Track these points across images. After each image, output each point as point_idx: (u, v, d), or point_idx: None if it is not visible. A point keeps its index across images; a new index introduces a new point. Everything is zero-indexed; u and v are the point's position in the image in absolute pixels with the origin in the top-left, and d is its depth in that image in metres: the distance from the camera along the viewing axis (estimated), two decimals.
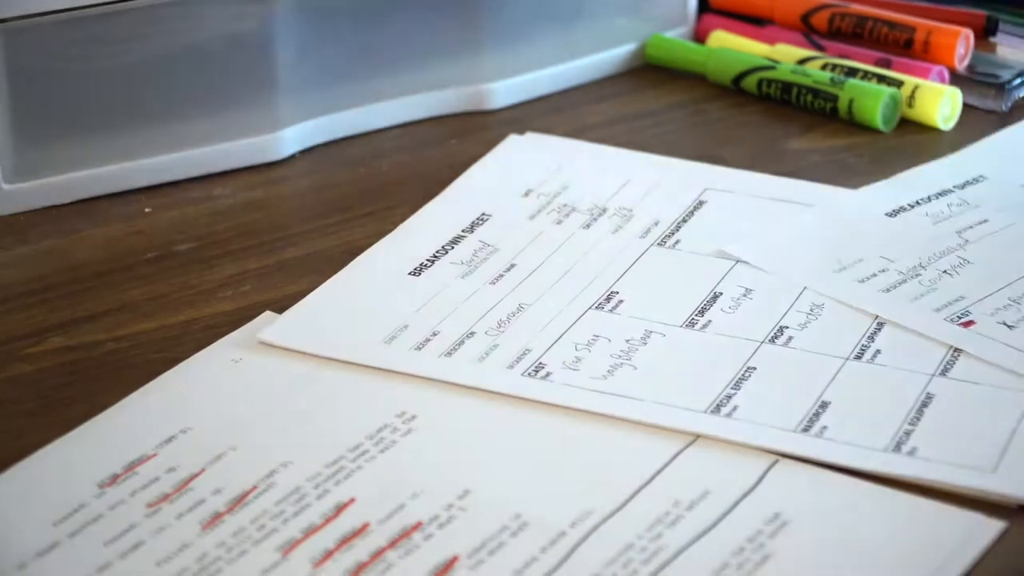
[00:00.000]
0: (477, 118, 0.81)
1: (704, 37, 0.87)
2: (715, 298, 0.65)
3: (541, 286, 0.66)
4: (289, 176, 0.76)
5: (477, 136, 0.79)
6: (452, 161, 0.76)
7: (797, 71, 0.81)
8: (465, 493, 0.54)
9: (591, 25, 0.84)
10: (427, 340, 0.63)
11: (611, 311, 0.65)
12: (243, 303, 0.66)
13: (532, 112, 0.82)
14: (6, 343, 0.64)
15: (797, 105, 0.81)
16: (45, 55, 0.71)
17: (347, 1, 0.77)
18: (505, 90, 0.82)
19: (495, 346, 0.62)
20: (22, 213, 0.73)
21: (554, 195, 0.73)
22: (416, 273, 0.67)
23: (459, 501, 0.54)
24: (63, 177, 0.73)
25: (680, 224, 0.71)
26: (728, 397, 0.59)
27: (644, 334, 0.63)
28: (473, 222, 0.71)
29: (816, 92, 0.80)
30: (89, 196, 0.74)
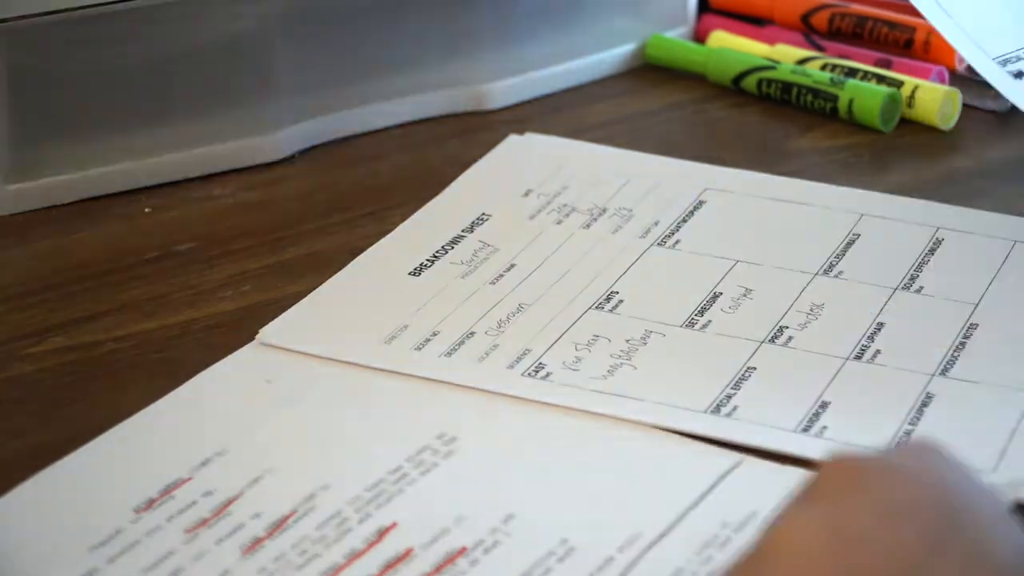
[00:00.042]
0: (477, 118, 0.81)
1: (704, 37, 0.87)
2: (715, 298, 0.65)
3: (541, 286, 0.66)
4: (289, 176, 0.76)
5: (477, 136, 0.79)
6: (452, 161, 0.76)
7: (797, 71, 0.81)
8: (509, 517, 0.53)
9: (591, 25, 0.84)
10: (427, 340, 0.63)
11: (611, 311, 0.65)
12: (243, 303, 0.66)
13: (532, 112, 0.82)
14: (6, 343, 0.64)
15: (797, 105, 0.81)
16: (45, 55, 0.71)
17: (347, 1, 0.77)
18: (505, 90, 0.82)
19: (495, 346, 0.62)
20: (22, 213, 0.73)
21: (554, 195, 0.73)
22: (416, 273, 0.67)
23: (504, 526, 0.53)
24: (63, 177, 0.73)
25: (680, 224, 0.71)
26: (728, 397, 0.59)
27: (644, 334, 0.63)
28: (473, 222, 0.71)
29: (816, 92, 0.80)
30: (89, 196, 0.74)
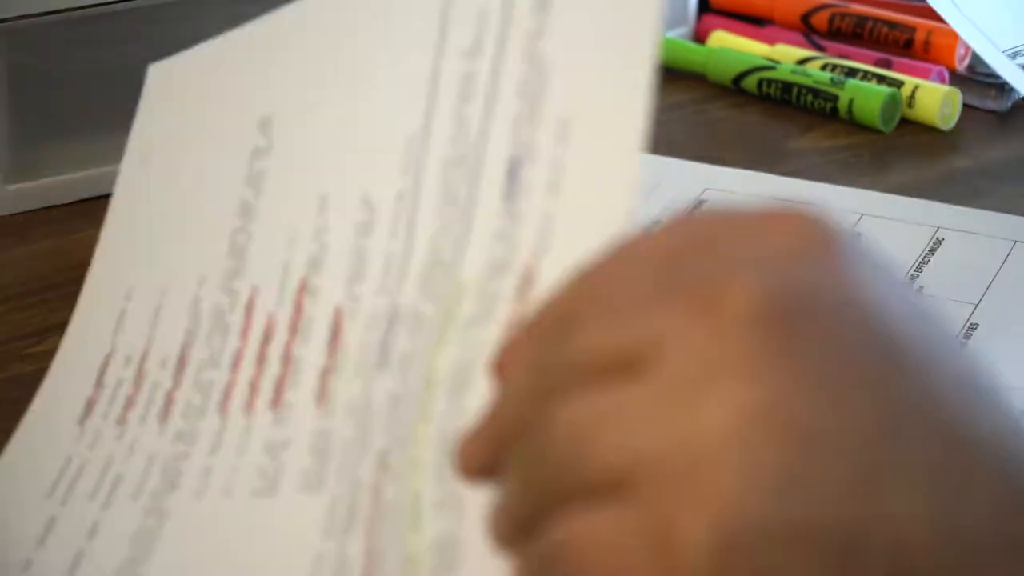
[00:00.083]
0: None
1: (704, 37, 0.87)
2: None
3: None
4: None
5: None
6: None
7: (797, 71, 0.81)
8: (323, 205, 0.46)
9: None
10: None
11: None
12: None
13: None
14: (6, 343, 0.64)
15: (797, 105, 0.81)
16: (45, 55, 0.71)
17: None
18: None
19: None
20: (22, 213, 0.73)
21: None
22: None
23: (321, 221, 0.46)
24: (63, 177, 0.73)
25: None
26: None
27: None
28: None
29: (816, 92, 0.80)
30: (89, 196, 0.74)
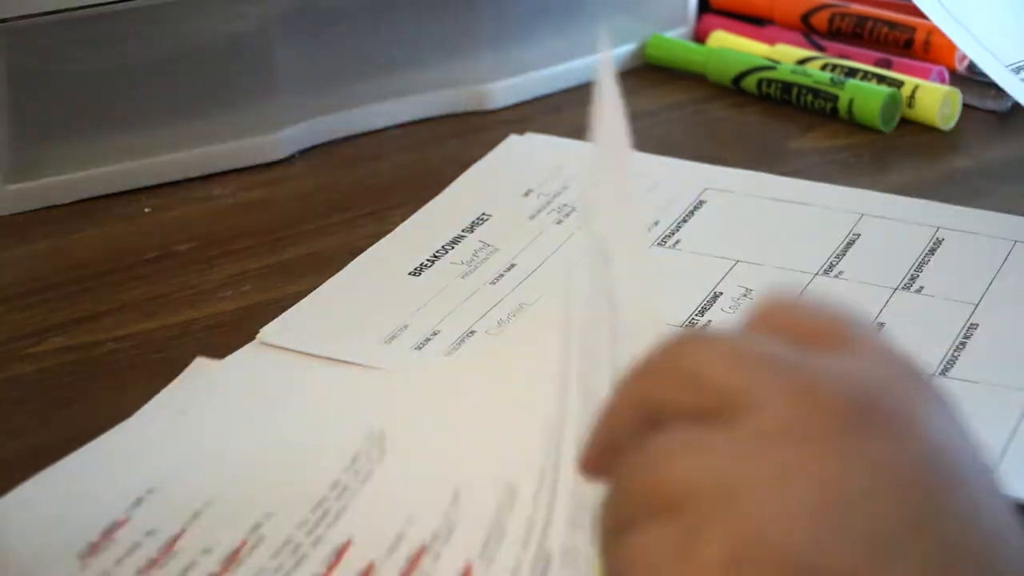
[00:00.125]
0: (477, 118, 0.81)
1: (704, 37, 0.87)
2: (715, 298, 0.65)
3: (541, 286, 0.66)
4: (289, 176, 0.76)
5: (477, 136, 0.79)
6: (452, 161, 0.76)
7: (797, 71, 0.81)
8: (455, 498, 0.53)
9: (591, 25, 0.84)
10: (427, 340, 0.63)
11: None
12: (243, 303, 0.66)
13: (532, 112, 0.82)
14: (6, 343, 0.64)
15: (797, 105, 0.81)
16: (45, 55, 0.71)
17: (347, 1, 0.77)
18: (505, 90, 0.82)
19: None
20: (22, 213, 0.73)
21: (554, 195, 0.73)
22: (416, 273, 0.67)
23: (453, 509, 0.53)
24: (63, 177, 0.73)
25: (680, 224, 0.71)
26: None
27: None
28: (473, 222, 0.71)
29: (816, 92, 0.80)
30: (89, 196, 0.74)
